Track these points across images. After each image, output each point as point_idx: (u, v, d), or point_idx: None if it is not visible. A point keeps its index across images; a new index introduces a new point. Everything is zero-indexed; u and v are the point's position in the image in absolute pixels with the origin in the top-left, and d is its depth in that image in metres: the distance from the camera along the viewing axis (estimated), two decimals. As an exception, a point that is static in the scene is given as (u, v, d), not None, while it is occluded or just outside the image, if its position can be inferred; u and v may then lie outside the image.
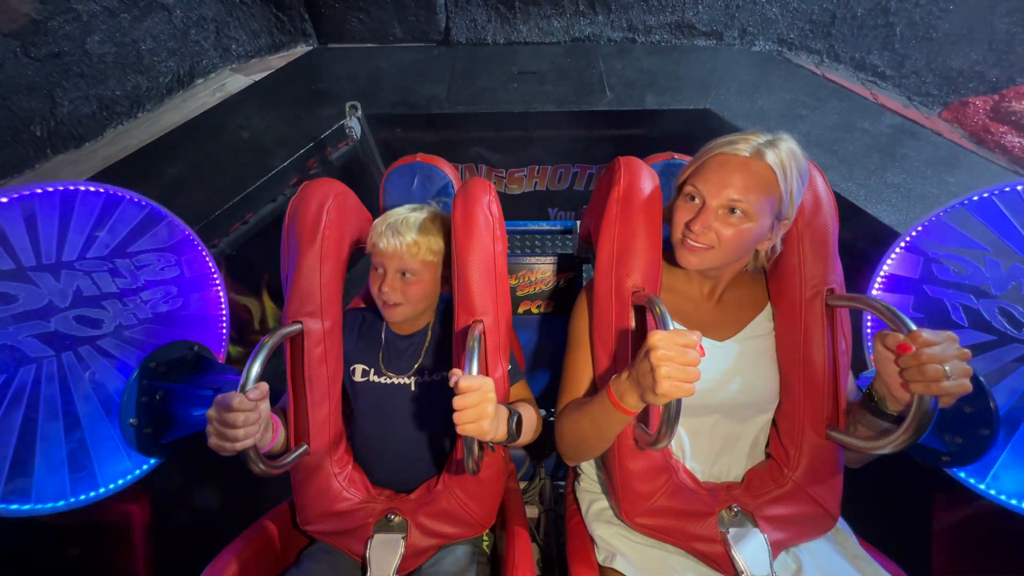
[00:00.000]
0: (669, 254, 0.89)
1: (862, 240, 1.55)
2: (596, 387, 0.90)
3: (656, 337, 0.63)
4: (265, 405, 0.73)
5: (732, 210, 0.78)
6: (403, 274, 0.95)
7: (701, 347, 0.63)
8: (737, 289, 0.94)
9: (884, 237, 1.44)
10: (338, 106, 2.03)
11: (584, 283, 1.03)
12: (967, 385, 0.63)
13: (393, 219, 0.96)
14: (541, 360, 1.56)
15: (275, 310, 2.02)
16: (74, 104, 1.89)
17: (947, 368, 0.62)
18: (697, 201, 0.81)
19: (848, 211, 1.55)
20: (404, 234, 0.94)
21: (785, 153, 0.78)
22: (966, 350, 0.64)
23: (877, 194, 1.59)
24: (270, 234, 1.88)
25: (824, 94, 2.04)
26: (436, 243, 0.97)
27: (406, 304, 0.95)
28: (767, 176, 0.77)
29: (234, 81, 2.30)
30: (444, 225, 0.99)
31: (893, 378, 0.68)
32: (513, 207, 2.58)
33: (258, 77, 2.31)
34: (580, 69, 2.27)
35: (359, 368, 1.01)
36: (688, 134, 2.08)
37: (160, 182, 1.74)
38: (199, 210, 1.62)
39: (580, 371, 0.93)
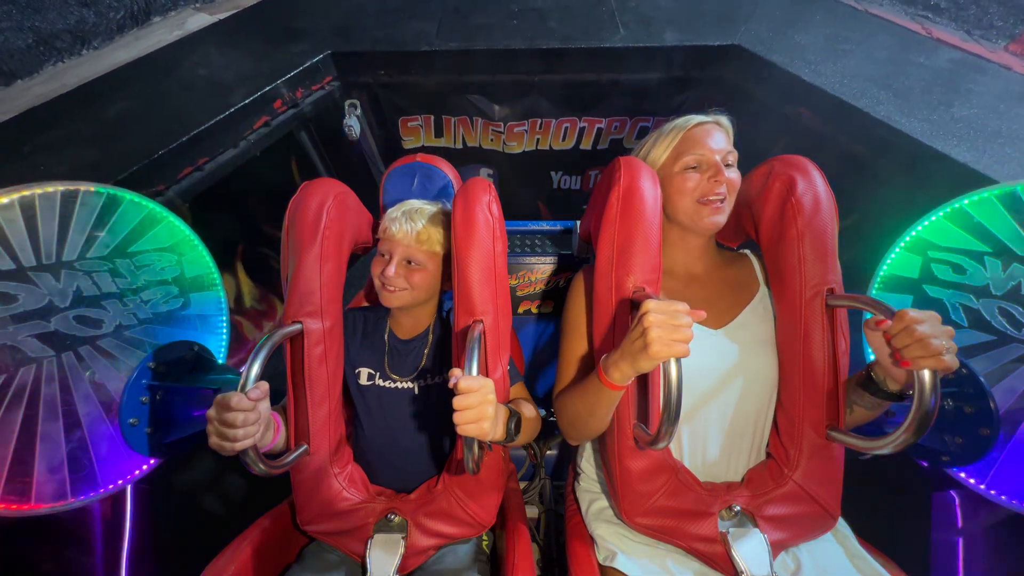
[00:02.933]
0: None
1: (926, 182, 1.36)
2: None
3: (651, 303, 0.67)
4: (265, 405, 0.73)
5: (728, 163, 0.91)
6: (408, 262, 0.96)
7: (695, 312, 0.67)
8: (724, 268, 0.98)
9: (953, 176, 1.28)
10: (311, 44, 1.86)
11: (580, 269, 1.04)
12: (956, 360, 0.67)
13: (408, 207, 0.99)
14: (541, 360, 1.56)
15: (253, 288, 1.82)
16: (4, 36, 1.68)
17: (944, 343, 0.65)
18: (700, 167, 0.90)
19: (911, 149, 1.39)
20: (417, 222, 0.96)
21: (727, 117, 0.97)
22: (949, 327, 0.68)
23: (944, 129, 1.39)
24: (239, 191, 1.71)
25: (869, 29, 1.84)
26: (444, 236, 0.98)
27: (407, 291, 0.96)
28: (728, 132, 0.95)
29: (197, 20, 2.05)
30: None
31: (887, 360, 0.73)
32: (512, 169, 2.38)
33: (224, 16, 2.06)
34: (589, 6, 2.05)
35: (364, 372, 1.01)
36: (713, 76, 1.90)
37: (98, 121, 1.53)
38: (140, 151, 1.40)
39: (577, 354, 0.95)
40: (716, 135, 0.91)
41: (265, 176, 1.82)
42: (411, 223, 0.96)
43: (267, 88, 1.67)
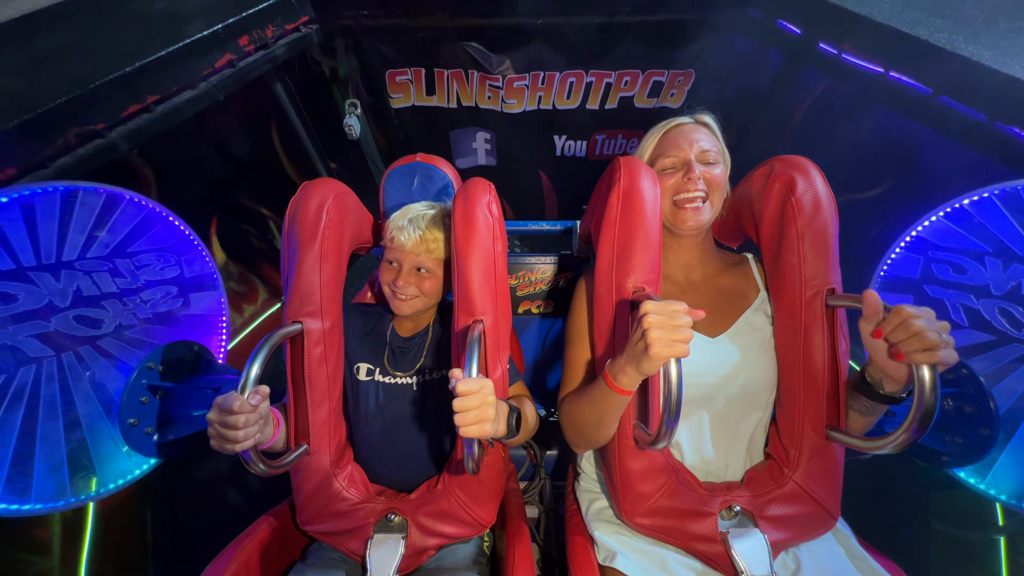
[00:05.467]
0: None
1: (1000, 114, 1.19)
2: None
3: (649, 304, 0.67)
4: (265, 404, 0.73)
5: (706, 160, 0.91)
6: (418, 269, 0.97)
7: (694, 312, 0.67)
8: (723, 274, 0.98)
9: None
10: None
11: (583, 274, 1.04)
12: (955, 354, 0.66)
13: (413, 215, 0.99)
14: (541, 360, 1.56)
15: (231, 266, 1.68)
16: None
17: (942, 338, 0.64)
18: (675, 166, 0.92)
19: (981, 76, 1.20)
20: (424, 230, 0.96)
21: (710, 115, 0.97)
22: (945, 322, 0.67)
23: (1020, 57, 1.22)
24: (206, 149, 1.52)
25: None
26: (450, 240, 0.98)
27: (420, 297, 0.98)
28: (712, 129, 0.96)
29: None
30: None
31: (883, 357, 0.72)
32: (511, 132, 2.14)
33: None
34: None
35: (363, 367, 1.01)
36: (738, 16, 1.74)
37: (32, 52, 1.34)
38: (76, 82, 1.18)
39: (581, 360, 0.95)
40: (695, 134, 0.93)
41: (239, 137, 1.67)
42: (418, 231, 0.96)
43: (230, 20, 1.45)
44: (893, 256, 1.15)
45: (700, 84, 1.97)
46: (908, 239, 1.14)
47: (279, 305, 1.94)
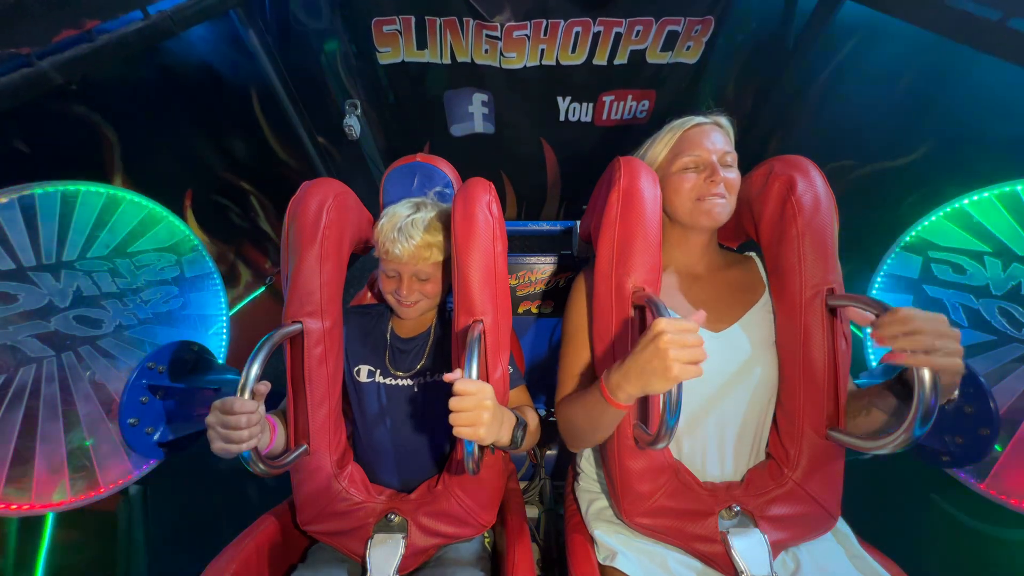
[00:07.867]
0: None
1: None
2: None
3: (663, 323, 0.66)
4: (261, 407, 0.74)
5: (725, 163, 0.90)
6: (418, 276, 0.97)
7: (697, 315, 0.69)
8: (726, 270, 0.98)
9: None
10: None
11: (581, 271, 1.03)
12: (959, 364, 0.64)
13: (401, 223, 0.96)
14: (541, 360, 1.56)
15: (210, 245, 1.50)
16: None
17: (937, 343, 0.62)
18: (697, 167, 0.90)
19: None
20: (416, 240, 0.95)
21: (727, 117, 0.96)
22: (956, 330, 0.65)
23: None
24: (171, 105, 1.34)
25: None
26: (444, 241, 0.98)
27: (424, 300, 0.99)
28: (728, 133, 0.95)
29: None
30: (446, 220, 1.00)
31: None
32: (511, 92, 1.93)
33: None
34: None
35: (364, 369, 1.01)
36: None
37: None
38: None
39: (579, 360, 0.95)
40: (714, 136, 0.91)
41: (213, 96, 1.51)
42: (411, 240, 0.94)
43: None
44: (893, 256, 1.15)
45: (719, 35, 1.76)
46: (908, 239, 1.14)
47: (263, 288, 1.84)
